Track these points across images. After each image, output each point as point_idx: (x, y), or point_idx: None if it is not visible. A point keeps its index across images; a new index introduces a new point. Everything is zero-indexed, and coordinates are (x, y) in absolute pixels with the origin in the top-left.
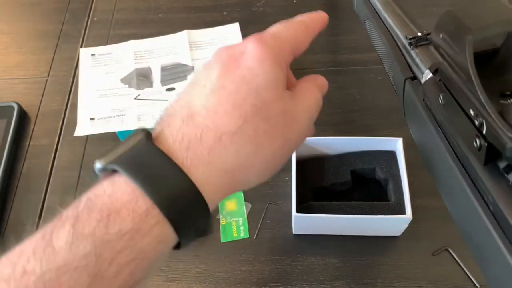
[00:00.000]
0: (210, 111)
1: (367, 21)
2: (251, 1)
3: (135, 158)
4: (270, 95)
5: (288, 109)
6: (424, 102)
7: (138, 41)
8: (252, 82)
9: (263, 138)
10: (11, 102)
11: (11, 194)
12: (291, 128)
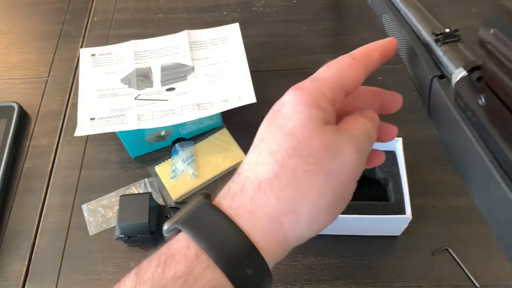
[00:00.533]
0: (251, 165)
1: (384, 16)
2: (251, 1)
3: (190, 215)
4: (306, 133)
5: (330, 142)
6: (456, 103)
7: (138, 41)
8: (286, 126)
9: (303, 178)
10: (11, 102)
11: (11, 194)
12: (336, 162)
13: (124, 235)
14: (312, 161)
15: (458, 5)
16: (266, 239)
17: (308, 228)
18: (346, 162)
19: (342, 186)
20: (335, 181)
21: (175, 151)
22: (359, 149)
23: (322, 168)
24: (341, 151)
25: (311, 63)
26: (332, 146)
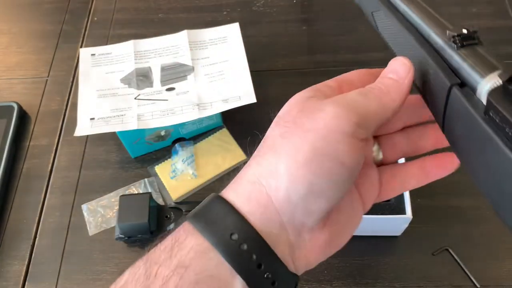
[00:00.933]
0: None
1: (377, 13)
2: (251, 1)
3: (199, 208)
4: (288, 107)
5: (309, 105)
6: (487, 116)
7: (138, 41)
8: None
9: (280, 140)
10: (11, 102)
11: (11, 194)
12: (313, 118)
13: (124, 235)
14: (289, 124)
15: (458, 5)
16: (248, 202)
17: (291, 185)
18: (325, 116)
19: (323, 140)
20: (313, 135)
21: (175, 151)
22: (343, 104)
23: (297, 126)
24: (319, 109)
25: (311, 63)
26: (310, 107)
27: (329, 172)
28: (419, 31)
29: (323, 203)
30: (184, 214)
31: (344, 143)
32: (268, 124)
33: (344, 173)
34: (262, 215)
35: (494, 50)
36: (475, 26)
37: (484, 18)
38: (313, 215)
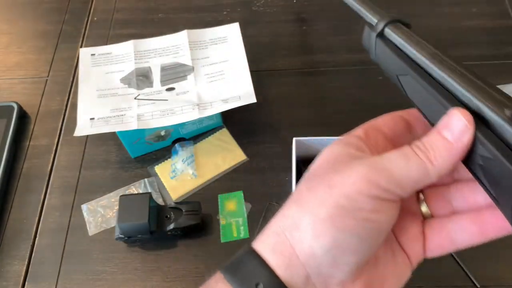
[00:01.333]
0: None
1: (404, 77)
2: (251, 1)
3: (232, 260)
4: (318, 162)
5: (339, 160)
6: None
7: (138, 41)
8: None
9: (306, 193)
10: (11, 102)
11: (11, 194)
12: (340, 175)
13: (124, 235)
14: (316, 178)
15: (458, 5)
16: (273, 253)
17: (314, 239)
18: (353, 176)
19: (347, 198)
20: (338, 191)
21: (175, 151)
22: (375, 167)
23: (324, 181)
24: (349, 167)
25: (311, 63)
26: (341, 164)
27: (353, 228)
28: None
29: (351, 258)
30: (184, 214)
31: (370, 204)
32: (268, 124)
33: (370, 231)
34: (287, 267)
35: (495, 50)
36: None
37: (484, 18)
38: (341, 269)
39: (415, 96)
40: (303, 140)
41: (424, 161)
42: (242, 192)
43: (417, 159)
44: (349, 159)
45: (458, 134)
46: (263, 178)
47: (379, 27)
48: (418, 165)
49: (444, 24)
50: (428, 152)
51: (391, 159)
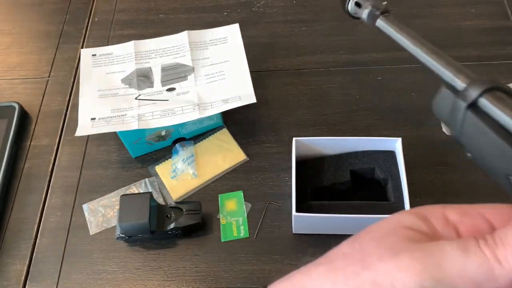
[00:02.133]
0: None
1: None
2: (251, 2)
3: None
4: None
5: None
6: None
7: (138, 42)
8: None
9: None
10: (12, 102)
11: (12, 194)
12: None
13: (124, 234)
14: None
15: (458, 5)
16: None
17: None
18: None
19: (375, 285)
20: (369, 277)
21: (176, 151)
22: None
23: (361, 257)
24: (395, 252)
25: (311, 63)
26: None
27: None
28: None
29: None
30: (185, 214)
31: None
32: (268, 124)
33: None
34: None
35: (494, 51)
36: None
37: (484, 18)
38: None
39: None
40: (303, 140)
41: (488, 259)
42: (242, 192)
43: (480, 255)
44: (401, 240)
45: None
46: (263, 178)
47: (472, 94)
48: (481, 264)
49: (444, 24)
50: (497, 248)
51: (445, 250)
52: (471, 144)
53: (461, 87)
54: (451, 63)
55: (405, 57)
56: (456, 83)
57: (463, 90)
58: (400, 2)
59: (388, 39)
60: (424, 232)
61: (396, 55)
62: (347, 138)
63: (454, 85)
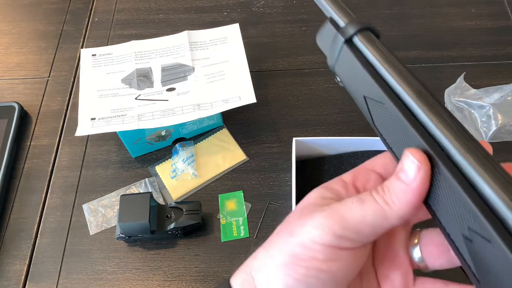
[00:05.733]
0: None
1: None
2: (251, 2)
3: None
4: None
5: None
6: None
7: (138, 42)
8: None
9: (273, 238)
10: (12, 102)
11: (12, 194)
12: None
13: (124, 234)
14: (285, 225)
15: (458, 5)
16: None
17: (269, 284)
18: (310, 224)
19: (301, 247)
20: (295, 240)
21: (176, 151)
22: (332, 214)
23: (288, 230)
24: (310, 216)
25: (311, 63)
26: (308, 212)
27: (305, 278)
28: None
29: None
30: (185, 214)
31: (323, 253)
32: (268, 124)
33: (323, 281)
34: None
35: (494, 51)
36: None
37: (484, 18)
38: None
39: (385, 127)
40: (303, 140)
41: (380, 204)
42: (242, 192)
43: (373, 202)
44: (314, 207)
45: (412, 175)
46: (263, 178)
47: (349, 31)
48: (374, 208)
49: (444, 24)
50: (385, 195)
51: (347, 205)
52: (342, 72)
53: (342, 24)
54: (337, 2)
55: (405, 57)
56: (338, 20)
57: (343, 27)
58: (400, 2)
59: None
60: (331, 197)
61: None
62: (347, 138)
63: (337, 22)
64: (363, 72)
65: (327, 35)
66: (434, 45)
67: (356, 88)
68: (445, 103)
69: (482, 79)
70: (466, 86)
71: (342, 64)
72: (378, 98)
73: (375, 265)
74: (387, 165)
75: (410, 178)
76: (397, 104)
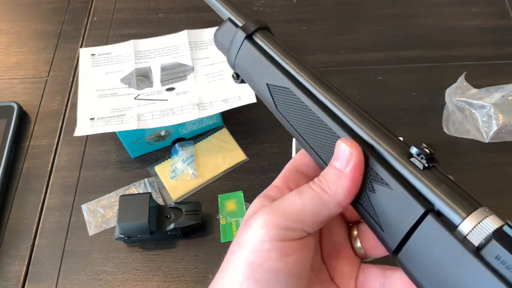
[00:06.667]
0: None
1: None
2: (251, 1)
3: None
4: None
5: (250, 215)
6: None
7: (138, 41)
8: None
9: (228, 255)
10: (11, 102)
11: (11, 194)
12: (247, 230)
13: (124, 235)
14: (235, 240)
15: (458, 5)
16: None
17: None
18: (254, 226)
19: (253, 253)
20: (245, 249)
21: (175, 151)
22: (273, 209)
23: (235, 242)
24: (253, 219)
25: (311, 63)
26: (249, 219)
27: (267, 282)
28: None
29: None
30: (184, 214)
31: (274, 250)
32: (268, 124)
33: (285, 279)
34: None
35: (495, 50)
36: (426, 143)
37: (484, 18)
38: None
39: (288, 110)
40: None
41: (317, 192)
42: (242, 192)
43: (311, 191)
44: (256, 213)
45: (345, 161)
46: (263, 178)
47: (250, 28)
48: (312, 197)
49: (444, 24)
50: (322, 183)
51: (287, 199)
52: (242, 65)
53: (241, 23)
54: (233, 5)
55: (406, 57)
56: (236, 21)
57: (244, 25)
58: (400, 2)
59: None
60: (269, 202)
61: (397, 55)
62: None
63: (236, 22)
64: (266, 63)
65: (226, 33)
66: (434, 45)
67: (258, 78)
68: (446, 103)
69: (483, 78)
70: (467, 85)
71: (243, 58)
72: (282, 84)
73: (324, 261)
74: (308, 163)
75: (344, 164)
76: (300, 87)
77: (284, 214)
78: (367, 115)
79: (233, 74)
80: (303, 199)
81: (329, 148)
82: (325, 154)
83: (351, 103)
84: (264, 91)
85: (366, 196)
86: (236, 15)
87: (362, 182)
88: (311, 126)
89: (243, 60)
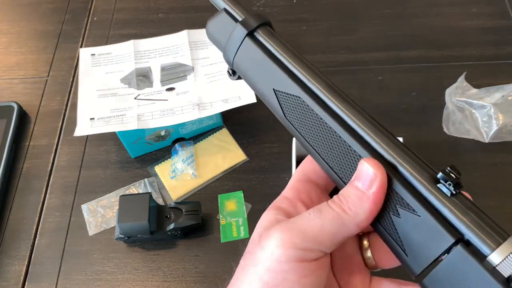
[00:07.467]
0: None
1: (288, 96)
2: (251, 1)
3: None
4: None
5: (265, 232)
6: (507, 283)
7: (138, 41)
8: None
9: (240, 271)
10: (11, 102)
11: (11, 194)
12: (263, 249)
13: (124, 235)
14: (248, 255)
15: (458, 5)
16: None
17: None
18: (270, 245)
19: (270, 272)
20: (261, 268)
21: (175, 151)
22: (290, 228)
23: (252, 258)
24: (269, 236)
25: (311, 63)
26: (264, 235)
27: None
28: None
29: None
30: (184, 214)
31: (292, 271)
32: (268, 124)
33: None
34: None
35: (495, 50)
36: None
37: (484, 18)
38: None
39: (298, 118)
40: None
41: (337, 212)
42: (242, 192)
43: (331, 211)
44: (270, 229)
45: (368, 183)
46: (263, 178)
47: (252, 24)
48: (332, 217)
49: (444, 24)
50: (342, 203)
51: (304, 217)
52: (243, 64)
53: (240, 18)
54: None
55: (406, 57)
56: (234, 13)
57: (245, 20)
58: (400, 2)
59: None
60: (282, 216)
61: (397, 55)
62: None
63: (233, 13)
64: (273, 66)
65: (221, 25)
66: (434, 45)
67: (263, 81)
68: (446, 103)
69: (483, 78)
70: (467, 85)
71: (243, 57)
72: (293, 92)
73: (335, 274)
74: (317, 171)
75: (367, 185)
76: (314, 98)
77: (302, 234)
78: (387, 133)
79: (229, 70)
80: (322, 219)
81: (345, 163)
82: (341, 170)
83: (370, 118)
84: (270, 97)
85: (389, 219)
86: (233, 6)
87: (384, 204)
88: (325, 139)
89: (244, 60)
